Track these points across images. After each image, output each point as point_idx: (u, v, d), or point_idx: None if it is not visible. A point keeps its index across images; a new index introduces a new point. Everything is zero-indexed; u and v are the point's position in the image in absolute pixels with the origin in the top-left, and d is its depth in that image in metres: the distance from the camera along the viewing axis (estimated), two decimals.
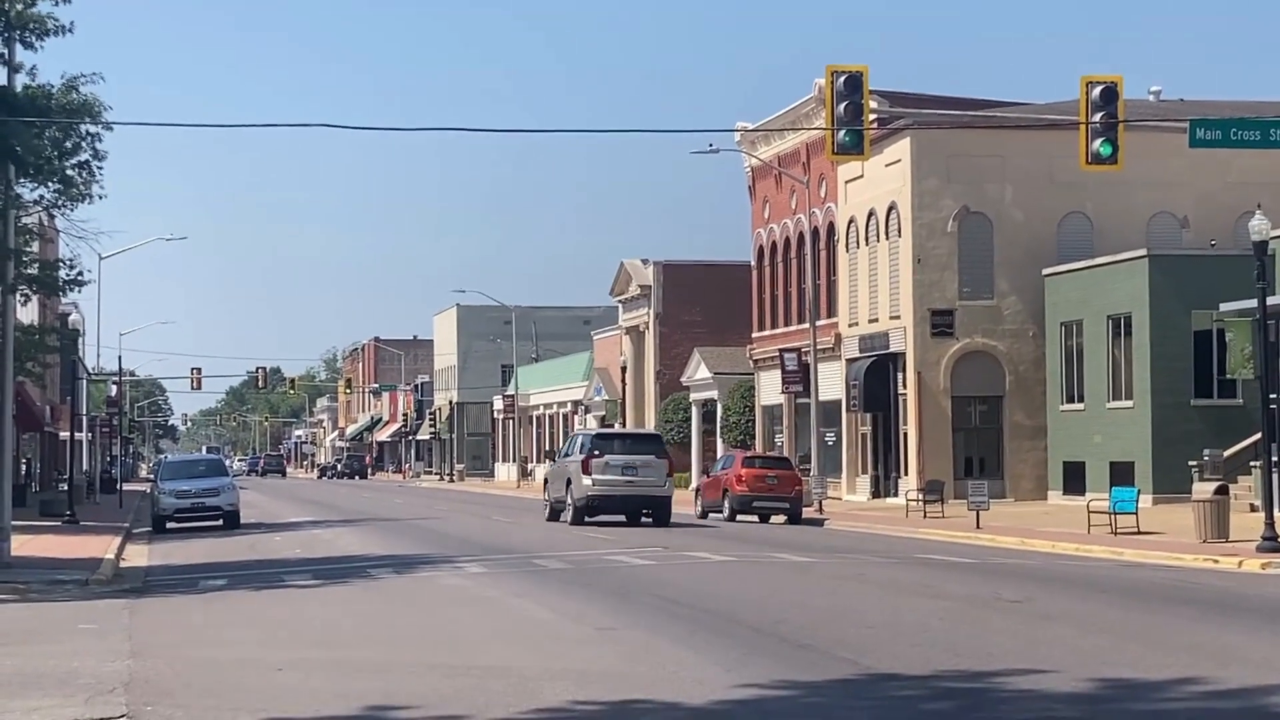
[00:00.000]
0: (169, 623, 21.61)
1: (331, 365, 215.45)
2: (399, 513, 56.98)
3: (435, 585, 26.48)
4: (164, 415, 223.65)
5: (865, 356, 60.18)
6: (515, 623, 20.73)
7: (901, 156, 57.63)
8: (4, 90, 30.41)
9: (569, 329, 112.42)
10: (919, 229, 57.09)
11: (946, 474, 54.20)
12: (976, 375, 57.34)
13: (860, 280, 61.37)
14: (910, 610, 21.67)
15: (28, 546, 34.76)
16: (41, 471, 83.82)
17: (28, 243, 45.49)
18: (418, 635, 19.45)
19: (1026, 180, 56.99)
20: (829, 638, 18.43)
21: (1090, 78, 31.54)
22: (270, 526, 48.53)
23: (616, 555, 32.36)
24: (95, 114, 31.54)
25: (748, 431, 71.99)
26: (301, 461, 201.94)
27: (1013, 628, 19.63)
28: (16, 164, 30.57)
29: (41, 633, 20.20)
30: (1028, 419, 56.80)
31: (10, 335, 32.99)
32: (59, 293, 50.86)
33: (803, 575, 27.71)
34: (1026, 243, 56.91)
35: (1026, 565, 30.61)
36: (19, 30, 29.77)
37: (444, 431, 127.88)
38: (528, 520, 50.23)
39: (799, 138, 64.85)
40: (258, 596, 25.35)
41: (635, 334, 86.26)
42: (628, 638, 18.83)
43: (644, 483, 46.27)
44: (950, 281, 57.22)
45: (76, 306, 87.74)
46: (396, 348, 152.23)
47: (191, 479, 49.09)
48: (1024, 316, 57.08)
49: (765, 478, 49.22)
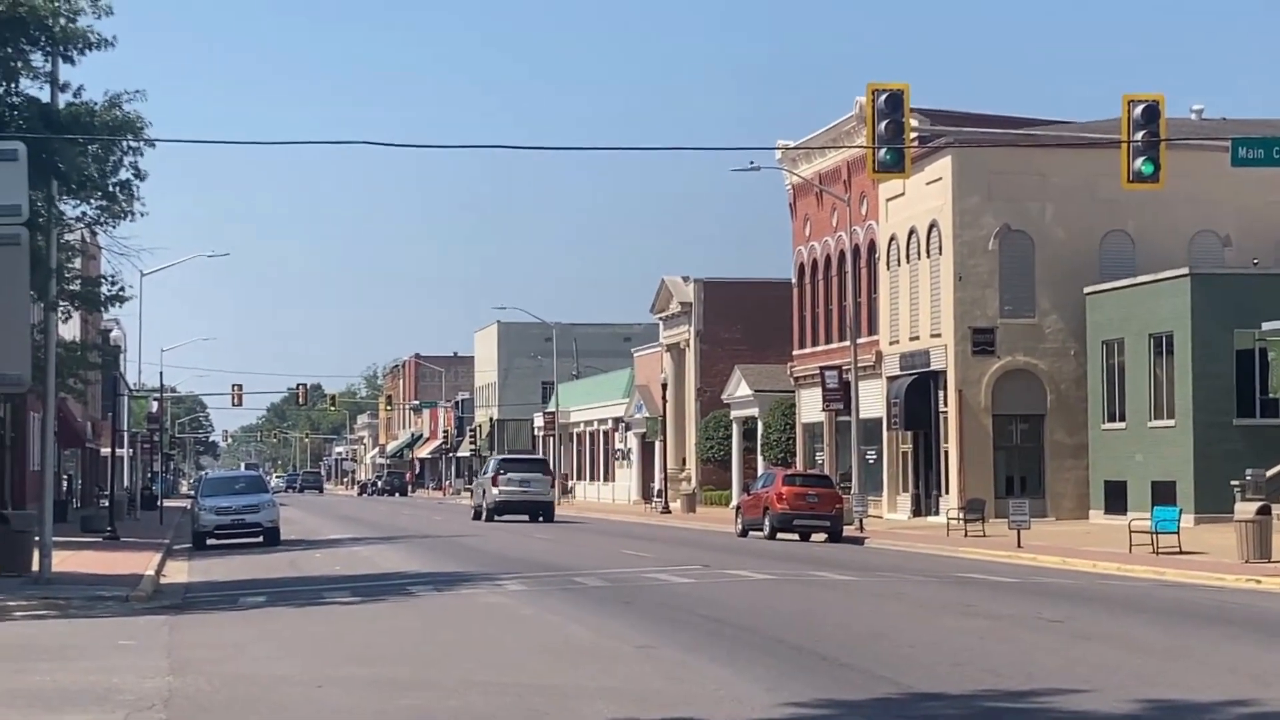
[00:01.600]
0: (209, 639, 21.65)
1: (372, 382, 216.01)
2: (439, 530, 57.05)
3: (475, 603, 26.49)
4: (205, 432, 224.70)
5: (906, 374, 60.03)
6: (555, 640, 20.71)
7: (943, 174, 57.51)
8: (47, 108, 30.63)
9: (610, 346, 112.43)
10: (960, 247, 56.95)
11: (987, 493, 53.99)
12: (1018, 393, 57.12)
13: (901, 298, 61.25)
14: (951, 629, 21.57)
15: (69, 562, 34.90)
16: (83, 487, 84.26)
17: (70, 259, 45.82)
18: (457, 653, 19.45)
19: (1068, 198, 56.80)
20: (869, 657, 18.36)
21: (1132, 96, 31.43)
22: (310, 543, 48.64)
23: (656, 573, 32.32)
24: (137, 131, 31.69)
25: (788, 449, 71.87)
26: (342, 478, 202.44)
27: (1054, 647, 19.52)
28: (60, 181, 30.75)
29: (82, 648, 20.27)
30: (1069, 438, 56.56)
31: (53, 351, 33.18)
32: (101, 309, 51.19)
33: (843, 594, 27.63)
34: (1068, 261, 56.71)
35: (1068, 585, 30.45)
36: (62, 45, 29.97)
37: (484, 448, 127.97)
38: (568, 538, 50.24)
39: (840, 155, 64.79)
40: (298, 613, 25.40)
41: (676, 351, 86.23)
42: (667, 656, 18.80)
43: (534, 492, 64.63)
44: (991, 299, 57.06)
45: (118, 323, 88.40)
46: (437, 364, 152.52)
47: (232, 495, 49.22)
48: (1065, 335, 56.86)
49: (806, 496, 49.09)
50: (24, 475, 58.55)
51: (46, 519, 31.13)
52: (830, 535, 48.49)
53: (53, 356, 33.06)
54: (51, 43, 29.78)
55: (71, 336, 59.70)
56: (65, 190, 32.26)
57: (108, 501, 57.91)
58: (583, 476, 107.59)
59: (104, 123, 31.02)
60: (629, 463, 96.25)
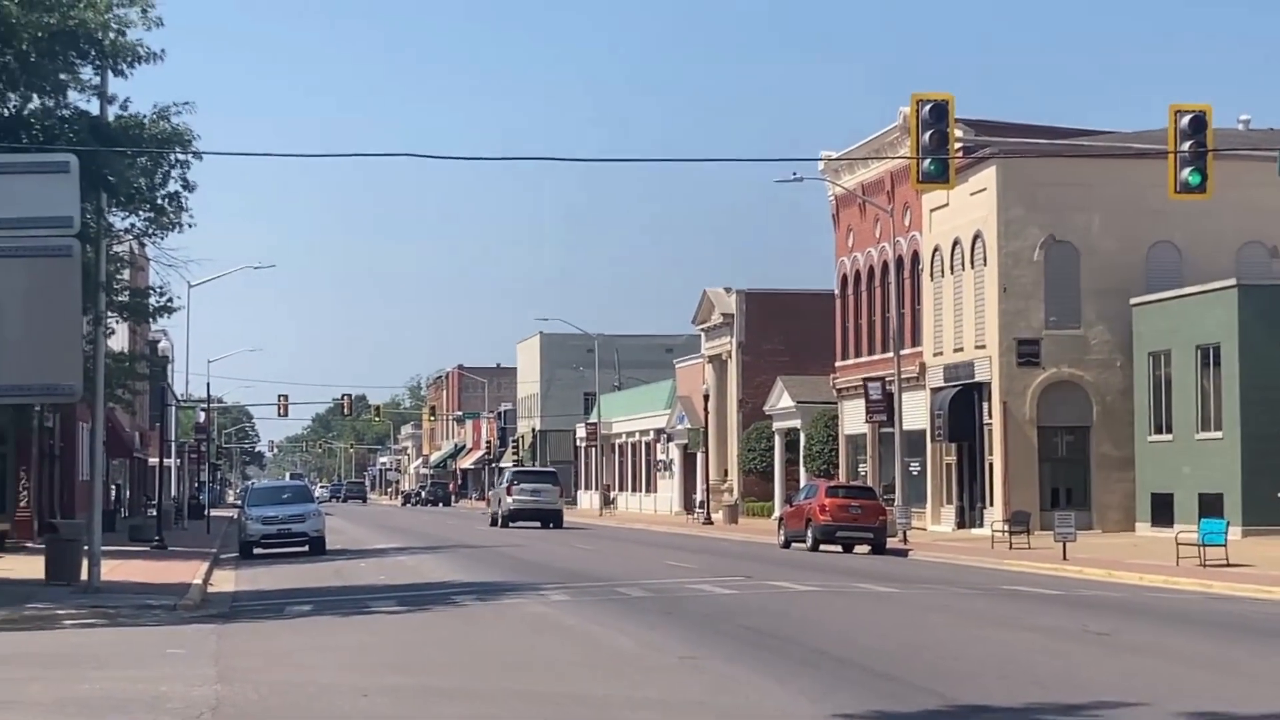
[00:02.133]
0: (256, 648, 21.75)
1: (416, 393, 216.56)
2: (482, 540, 57.14)
3: (518, 612, 26.52)
4: (251, 442, 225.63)
5: (950, 386, 59.85)
6: (598, 651, 20.72)
7: (987, 185, 57.34)
8: (97, 120, 30.85)
9: (651, 357, 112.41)
10: (1005, 258, 56.76)
11: (1032, 505, 53.75)
12: (1063, 405, 56.87)
13: (945, 309, 61.08)
14: (996, 642, 21.50)
15: (117, 571, 35.10)
16: (131, 497, 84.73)
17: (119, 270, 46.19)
18: (501, 662, 19.47)
19: (1114, 209, 56.55)
20: (914, 669, 18.30)
21: (1179, 106, 31.28)
22: (355, 553, 48.78)
23: (698, 584, 32.31)
24: (185, 143, 31.92)
25: (831, 461, 71.72)
26: (386, 488, 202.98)
27: (1101, 660, 19.43)
28: (109, 193, 30.96)
29: (130, 657, 20.38)
30: (1115, 450, 56.28)
31: (101, 362, 33.40)
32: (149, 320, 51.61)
33: (887, 606, 27.55)
34: (1114, 272, 56.45)
35: (1114, 597, 30.30)
36: (111, 59, 30.18)
37: (527, 459, 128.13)
38: (610, 548, 50.25)
39: (883, 166, 64.68)
40: (343, 622, 25.48)
41: (718, 362, 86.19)
42: (710, 667, 18.78)
43: (544, 501, 70.80)
44: (1036, 311, 56.84)
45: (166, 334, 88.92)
46: (480, 375, 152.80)
47: (278, 505, 49.40)
48: (1111, 346, 56.60)
49: (849, 507, 48.95)
50: (73, 485, 58.94)
51: (95, 528, 31.31)
52: (874, 547, 48.34)
53: (101, 367, 33.28)
54: (101, 56, 29.99)
55: (120, 347, 60.07)
56: (114, 202, 32.49)
57: (155, 511, 58.21)
58: (625, 487, 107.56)
59: (153, 135, 31.24)
60: (671, 474, 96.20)
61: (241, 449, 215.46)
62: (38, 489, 51.59)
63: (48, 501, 54.33)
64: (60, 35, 28.86)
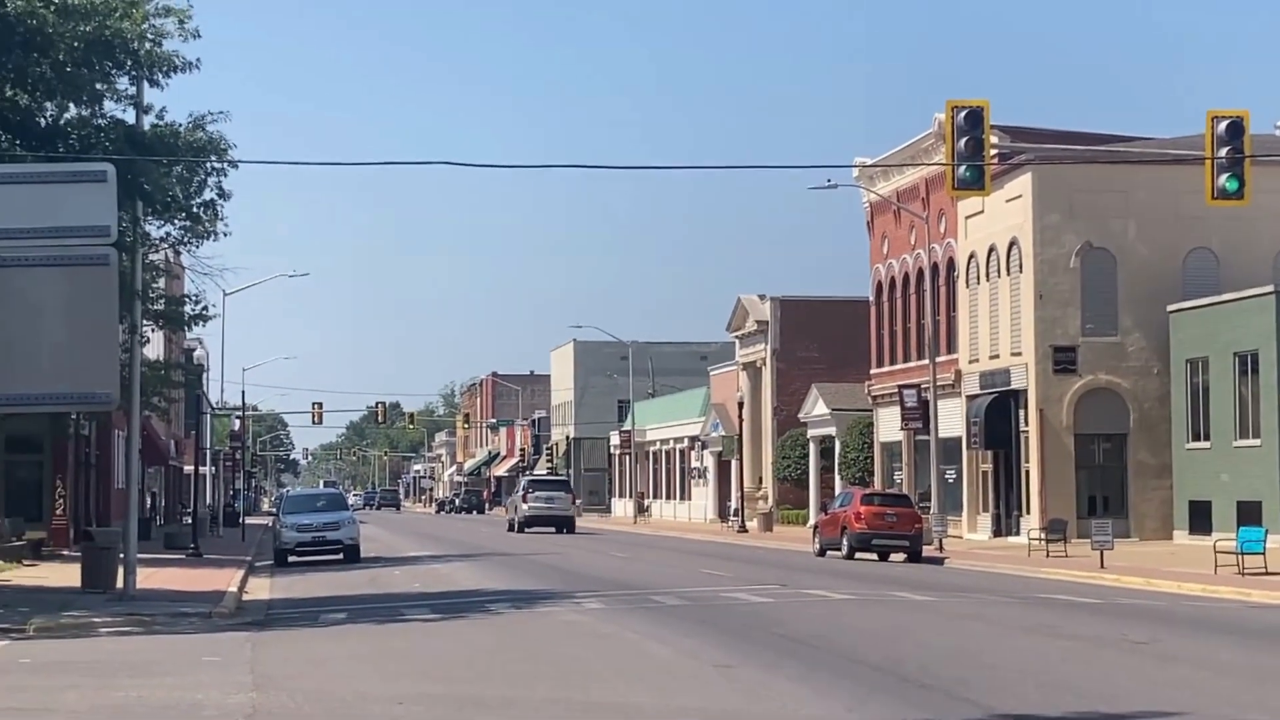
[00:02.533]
0: (291, 656, 21.79)
1: (450, 400, 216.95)
2: (517, 547, 57.19)
3: (553, 620, 26.53)
4: (286, 449, 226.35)
5: (986, 393, 59.67)
6: (633, 659, 20.71)
7: (1023, 192, 57.18)
8: (133, 129, 30.99)
9: (685, 364, 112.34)
10: (1041, 265, 56.57)
11: (1069, 513, 53.53)
12: (1100, 413, 56.64)
13: (981, 316, 60.91)
14: (1033, 650, 21.42)
15: (153, 579, 35.23)
16: (166, 505, 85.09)
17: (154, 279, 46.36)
18: (537, 671, 19.47)
19: (1150, 215, 56.32)
20: (951, 677, 18.24)
21: (1216, 112, 31.14)
22: (389, 560, 48.87)
23: (733, 592, 32.27)
24: (221, 152, 32.03)
25: (866, 468, 71.58)
26: (420, 496, 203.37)
27: (1139, 669, 19.34)
28: (145, 201, 31.10)
29: (166, 664, 20.45)
30: (1152, 457, 56.03)
31: (137, 370, 33.53)
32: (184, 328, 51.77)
33: (923, 614, 27.47)
34: (1151, 279, 56.21)
35: (1152, 606, 30.16)
36: (147, 69, 30.31)
37: (561, 467, 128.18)
38: (645, 556, 50.23)
39: (918, 173, 64.55)
40: (378, 630, 25.52)
41: (752, 370, 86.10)
42: (746, 675, 18.75)
43: (558, 508, 74.72)
44: (1073, 318, 56.64)
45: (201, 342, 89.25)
46: (514, 383, 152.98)
47: (313, 513, 49.51)
48: (1148, 353, 56.36)
49: (884, 515, 48.84)
50: (109, 493, 59.22)
51: (131, 536, 31.43)
52: (909, 555, 48.22)
53: (137, 375, 33.41)
54: (137, 66, 30.12)
55: (155, 355, 60.34)
56: (150, 211, 32.63)
57: (191, 519, 58.46)
58: (659, 495, 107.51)
59: (188, 144, 31.36)
60: (705, 481, 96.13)
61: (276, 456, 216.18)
62: (74, 497, 51.85)
63: (84, 509, 54.60)
64: (96, 45, 29.00)
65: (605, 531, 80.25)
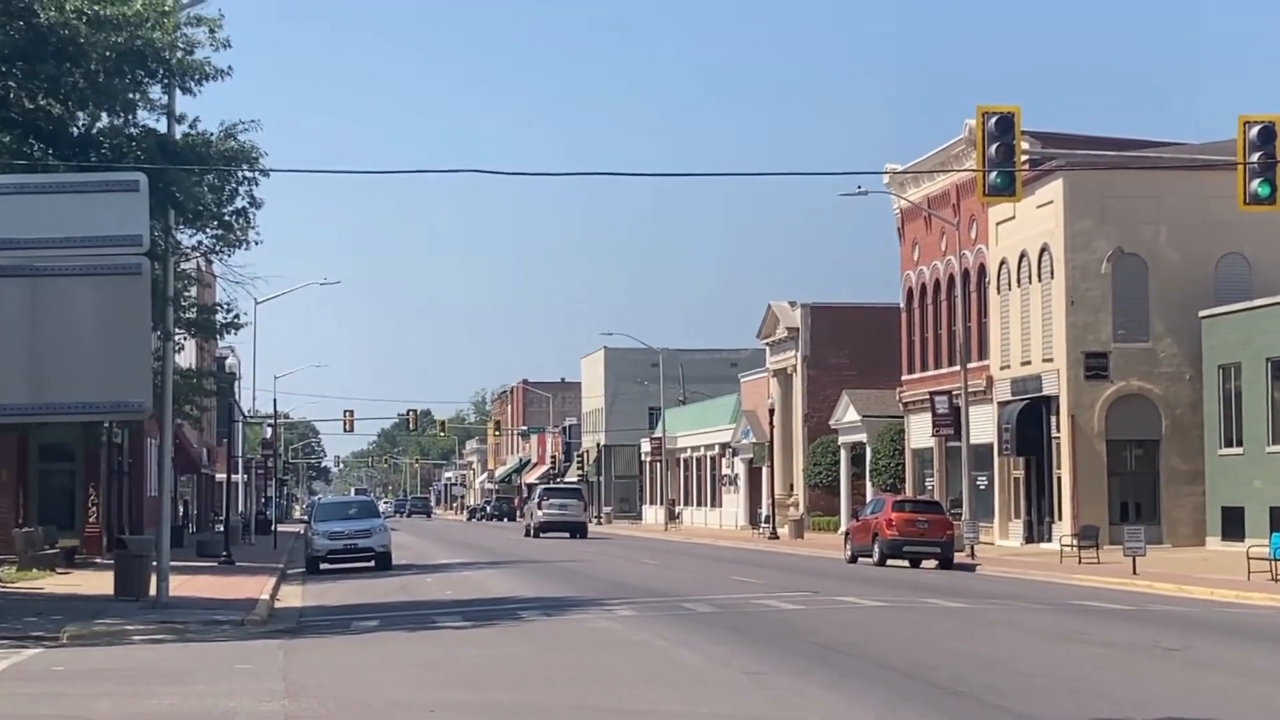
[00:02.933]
0: (323, 663, 21.83)
1: (480, 408, 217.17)
2: (548, 555, 57.19)
3: (584, 628, 26.53)
4: (317, 457, 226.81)
5: (1017, 399, 59.52)
6: (665, 666, 20.69)
7: (1054, 198, 57.03)
8: (164, 138, 31.10)
9: (716, 371, 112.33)
10: (1072, 270, 56.42)
11: (1101, 519, 53.36)
12: (1132, 419, 56.44)
13: (1012, 322, 60.76)
14: (1066, 657, 21.34)
15: (185, 587, 35.33)
16: (198, 513, 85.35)
17: (186, 288, 46.56)
18: (568, 678, 19.48)
19: (1182, 221, 56.11)
20: (983, 685, 18.19)
21: (1248, 117, 31.01)
22: (421, 568, 48.92)
23: (765, 599, 32.23)
24: (252, 161, 32.11)
25: (897, 475, 71.44)
26: (451, 503, 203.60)
27: (1172, 676, 19.26)
28: (176, 210, 31.21)
29: (199, 672, 20.50)
30: (1185, 463, 55.81)
31: (169, 379, 33.64)
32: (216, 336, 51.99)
33: (955, 621, 27.40)
34: (1182, 284, 56.01)
35: (1185, 612, 30.04)
36: (179, 78, 30.43)
37: (592, 474, 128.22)
38: (676, 563, 50.20)
39: (949, 179, 64.44)
40: (410, 638, 25.55)
41: (783, 376, 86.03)
42: (777, 683, 18.72)
43: (570, 514, 78.56)
44: (1104, 324, 56.46)
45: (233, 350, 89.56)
46: (544, 390, 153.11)
47: (344, 521, 49.59)
48: (1180, 359, 56.14)
49: (916, 522, 48.73)
50: (142, 501, 59.43)
51: (163, 544, 31.53)
52: (941, 562, 48.11)
53: (169, 384, 33.50)
54: (169, 75, 30.23)
55: (188, 364, 60.54)
56: (182, 220, 32.75)
57: (223, 526, 58.59)
58: (690, 502, 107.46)
59: (220, 153, 31.45)
60: (736, 488, 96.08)
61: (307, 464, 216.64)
62: (107, 505, 52.05)
63: (116, 517, 54.80)
64: (128, 55, 29.11)
65: (636, 538, 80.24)
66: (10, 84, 29.74)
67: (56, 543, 44.01)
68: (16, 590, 35.23)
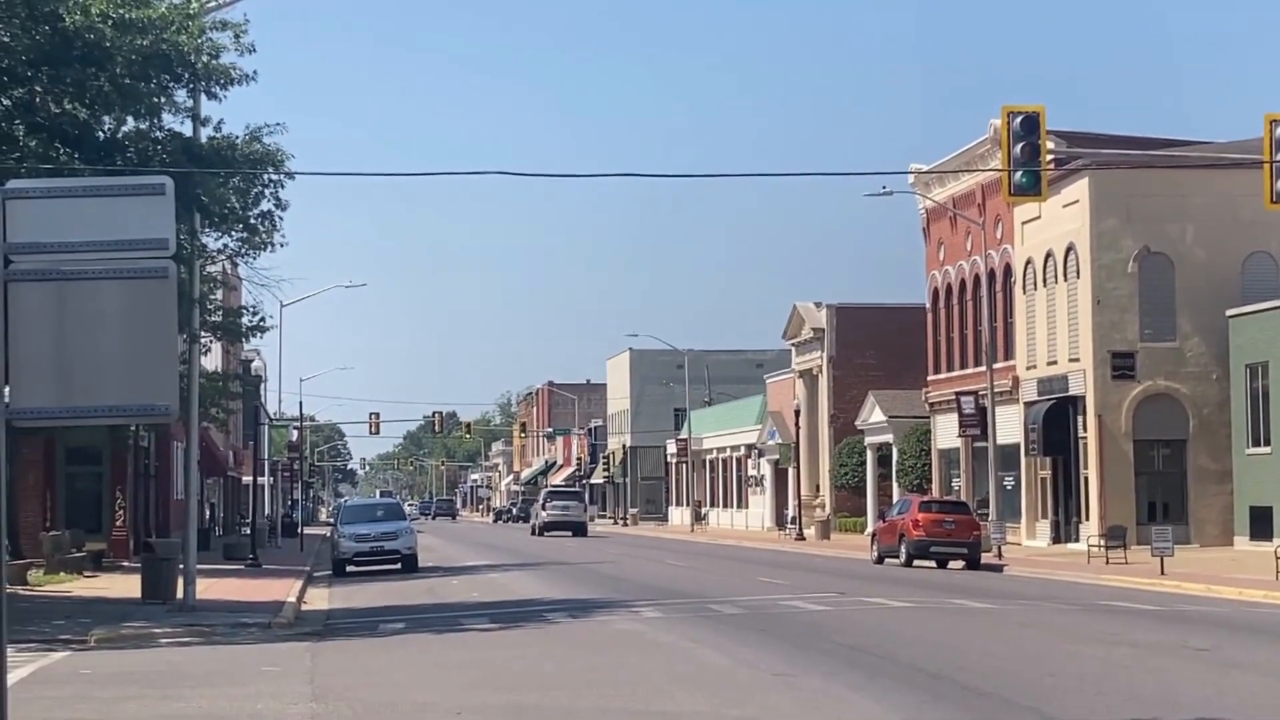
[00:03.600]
0: (350, 666, 21.86)
1: (506, 410, 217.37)
2: (573, 557, 57.23)
3: (610, 629, 26.52)
4: (343, 460, 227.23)
5: (1044, 399, 59.38)
6: (691, 668, 20.67)
7: (1080, 197, 56.89)
8: (190, 141, 31.20)
9: (741, 372, 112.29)
10: (1098, 270, 56.26)
11: (1129, 519, 53.21)
12: (1159, 418, 56.27)
13: (1038, 322, 60.61)
14: (1094, 658, 21.27)
15: (212, 590, 35.42)
16: (225, 516, 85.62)
17: (212, 290, 46.67)
18: (594, 680, 19.47)
19: (1209, 220, 55.92)
20: (1011, 686, 18.14)
21: (1275, 115, 30.88)
22: (447, 570, 48.97)
23: (791, 600, 32.20)
24: (278, 164, 32.20)
25: (924, 475, 71.33)
26: (477, 505, 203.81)
27: (1201, 677, 19.18)
28: (202, 214, 31.31)
29: (226, 675, 20.54)
30: (1212, 463, 55.62)
31: (195, 382, 33.73)
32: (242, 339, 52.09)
33: (982, 622, 27.34)
34: (1209, 283, 55.81)
35: (1213, 613, 29.93)
36: (204, 82, 30.52)
37: (617, 475, 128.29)
38: (702, 564, 50.17)
39: (974, 179, 64.31)
40: (436, 640, 25.57)
41: (808, 377, 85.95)
42: (805, 684, 18.69)
43: (572, 515, 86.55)
44: (1131, 323, 56.29)
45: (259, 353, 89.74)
46: (570, 392, 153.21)
47: (371, 523, 49.66)
48: (1207, 359, 55.95)
49: (943, 522, 48.67)
50: (168, 504, 59.62)
51: (190, 547, 31.61)
52: (968, 563, 48.04)
53: (195, 387, 33.59)
54: (194, 79, 30.32)
55: (213, 367, 60.69)
56: (208, 223, 32.84)
57: (249, 529, 58.73)
58: (716, 504, 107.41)
59: (245, 156, 31.54)
60: (762, 489, 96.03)
61: (334, 467, 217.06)
62: (134, 508, 52.22)
63: (143, 520, 54.98)
64: (154, 59, 29.21)
65: (662, 540, 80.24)
66: (36, 88, 29.85)
67: (84, 546, 44.16)
68: (44, 594, 35.36)
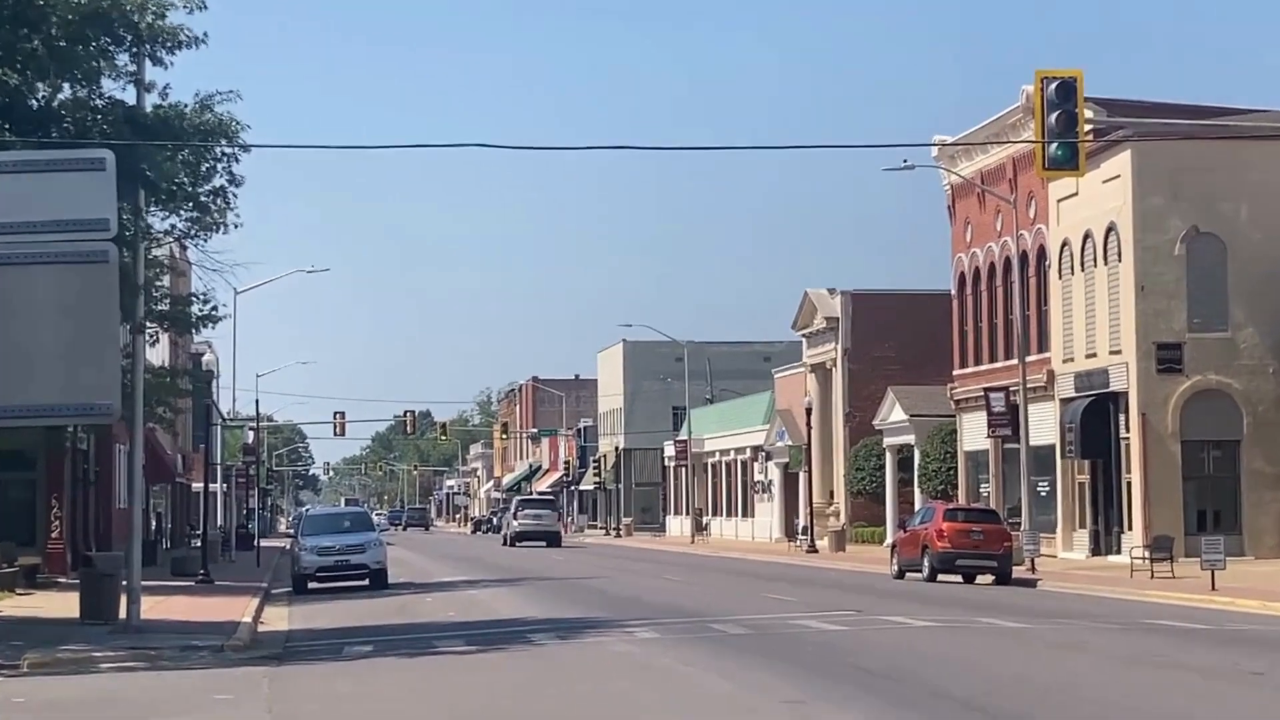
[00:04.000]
0: (312, 693, 21.88)
1: (486, 408, 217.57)
2: (561, 571, 57.29)
3: (602, 652, 26.55)
4: (305, 464, 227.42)
5: (1082, 396, 59.47)
6: (692, 695, 20.69)
7: (1121, 171, 56.94)
8: (133, 110, 31.13)
9: (747, 366, 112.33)
10: (1142, 252, 56.32)
11: (1176, 528, 53.27)
12: (1209, 417, 56.32)
13: (1075, 310, 60.67)
14: (1139, 683, 21.31)
15: (158, 609, 35.43)
16: (173, 526, 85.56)
17: (158, 276, 46.58)
18: (584, 709, 19.48)
19: (1265, 196, 55.94)
20: (1047, 715, 18.16)
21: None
22: (421, 586, 49.03)
23: (802, 619, 32.25)
24: (231, 135, 32.12)
25: (949, 480, 71.42)
26: (454, 514, 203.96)
27: (1257, 703, 19.22)
28: (147, 190, 31.24)
29: (174, 704, 20.55)
30: (1269, 466, 55.71)
31: (140, 378, 33.70)
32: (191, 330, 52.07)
33: (1015, 643, 27.39)
34: (1265, 267, 55.84)
35: (1269, 632, 30.00)
36: (149, 44, 30.44)
37: (609, 481, 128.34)
38: (704, 579, 50.22)
39: (1004, 151, 64.35)
40: (408, 664, 25.60)
41: (821, 371, 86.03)
42: (818, 713, 18.72)
43: (545, 524, 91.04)
44: (1178, 311, 56.34)
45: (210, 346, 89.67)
46: (557, 388, 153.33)
47: (335, 534, 49.68)
48: (1263, 350, 56.03)
49: (970, 532, 48.74)
50: (110, 514, 59.55)
51: (135, 561, 31.61)
52: (998, 577, 48.12)
53: (140, 383, 33.55)
54: (138, 41, 30.26)
55: (160, 361, 60.63)
56: (153, 201, 32.77)
57: (200, 542, 58.72)
58: (718, 511, 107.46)
59: (195, 126, 31.47)
60: (770, 496, 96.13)
61: (294, 472, 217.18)
62: (71, 518, 52.16)
63: (82, 532, 54.93)
64: (93, 18, 29.15)
65: (659, 552, 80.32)
66: None
67: (15, 560, 44.11)
68: None
